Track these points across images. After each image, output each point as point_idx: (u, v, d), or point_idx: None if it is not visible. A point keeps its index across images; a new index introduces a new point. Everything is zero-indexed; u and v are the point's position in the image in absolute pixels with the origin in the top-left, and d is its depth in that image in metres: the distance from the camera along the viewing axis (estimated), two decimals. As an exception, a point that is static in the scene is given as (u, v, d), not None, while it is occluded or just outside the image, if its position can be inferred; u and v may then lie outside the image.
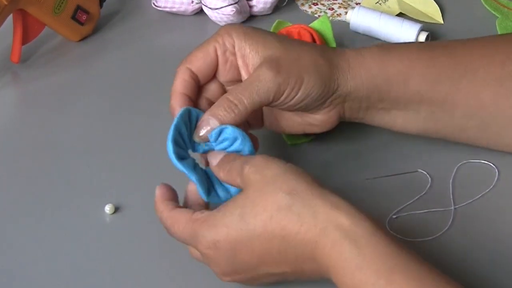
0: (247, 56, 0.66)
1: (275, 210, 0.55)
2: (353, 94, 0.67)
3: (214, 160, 0.62)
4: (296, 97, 0.65)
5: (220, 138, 0.63)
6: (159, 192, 0.62)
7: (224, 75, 0.67)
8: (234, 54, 0.66)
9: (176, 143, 0.62)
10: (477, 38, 0.72)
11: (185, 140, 0.63)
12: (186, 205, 0.62)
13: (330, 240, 0.54)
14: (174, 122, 0.62)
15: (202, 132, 0.63)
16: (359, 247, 0.53)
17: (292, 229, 0.55)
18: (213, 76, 0.67)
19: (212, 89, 0.68)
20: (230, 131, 0.63)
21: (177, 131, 0.62)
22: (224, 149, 0.63)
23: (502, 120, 0.68)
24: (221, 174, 0.61)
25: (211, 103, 0.67)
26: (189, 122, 0.63)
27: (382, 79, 0.67)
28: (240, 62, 0.66)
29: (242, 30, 0.66)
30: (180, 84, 0.65)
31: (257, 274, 0.58)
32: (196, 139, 0.63)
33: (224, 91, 0.68)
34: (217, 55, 0.66)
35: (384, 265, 0.52)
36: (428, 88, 0.67)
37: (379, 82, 0.67)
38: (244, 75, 0.67)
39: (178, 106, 0.65)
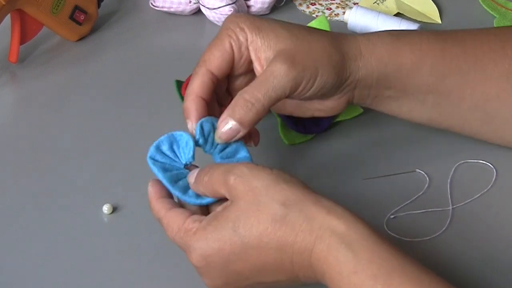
0: (258, 49, 0.65)
1: (270, 222, 0.55)
2: (363, 81, 0.66)
3: (192, 178, 0.61)
4: (312, 89, 0.64)
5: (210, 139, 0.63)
6: (152, 189, 0.61)
7: (237, 69, 0.66)
8: (247, 48, 0.65)
9: (174, 181, 0.61)
10: (488, 30, 0.72)
11: (181, 171, 0.62)
12: (182, 204, 0.61)
13: (326, 245, 0.53)
14: (160, 176, 0.61)
15: (223, 133, 0.62)
16: (355, 251, 0.52)
17: (288, 240, 0.54)
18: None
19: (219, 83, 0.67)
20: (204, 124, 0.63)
21: (166, 173, 0.61)
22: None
23: (506, 115, 0.68)
24: (200, 188, 0.60)
25: (217, 98, 0.67)
26: (172, 150, 0.63)
27: (392, 68, 0.67)
28: (252, 55, 0.65)
29: (253, 24, 0.65)
30: (199, 87, 0.64)
31: (249, 284, 0.58)
32: (218, 140, 0.62)
33: (228, 82, 0.68)
34: (233, 51, 0.65)
35: (380, 269, 0.52)
36: (436, 80, 0.67)
37: (389, 71, 0.67)
38: (257, 67, 0.66)
39: (194, 110, 0.63)
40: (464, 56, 0.68)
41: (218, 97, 0.68)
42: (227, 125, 0.62)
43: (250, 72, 0.68)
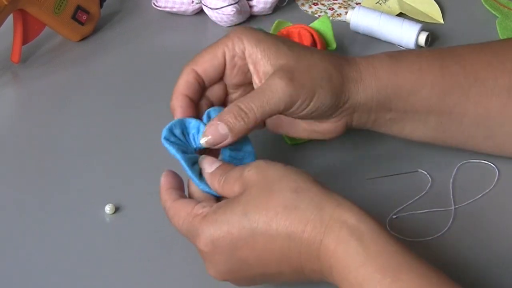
0: (258, 63, 0.65)
1: (280, 207, 0.55)
2: (363, 105, 0.66)
3: (209, 167, 0.61)
4: (307, 109, 0.64)
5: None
6: (164, 180, 0.61)
7: (230, 79, 0.67)
8: (243, 59, 0.65)
9: (191, 164, 0.61)
10: (486, 44, 0.71)
11: (194, 155, 0.63)
12: (190, 196, 0.62)
13: (335, 237, 0.53)
14: (179, 157, 0.61)
15: (207, 138, 0.62)
16: (364, 244, 0.53)
17: (298, 227, 0.55)
18: (220, 79, 0.67)
19: (215, 91, 0.67)
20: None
21: (184, 155, 0.62)
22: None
23: (508, 130, 0.68)
24: (215, 185, 0.60)
25: (211, 105, 0.67)
26: (183, 135, 0.63)
27: (392, 90, 0.66)
28: (251, 68, 0.66)
29: (254, 36, 0.65)
30: (183, 85, 0.65)
31: (252, 273, 0.58)
32: (203, 144, 0.62)
33: (227, 94, 0.68)
34: (225, 60, 0.65)
35: (389, 262, 0.52)
36: (437, 99, 0.67)
37: (388, 93, 0.66)
38: (256, 80, 0.66)
39: (178, 107, 0.64)
40: (463, 73, 0.68)
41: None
42: (217, 128, 0.62)
43: (248, 84, 0.68)
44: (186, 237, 0.59)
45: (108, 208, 0.70)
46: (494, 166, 0.73)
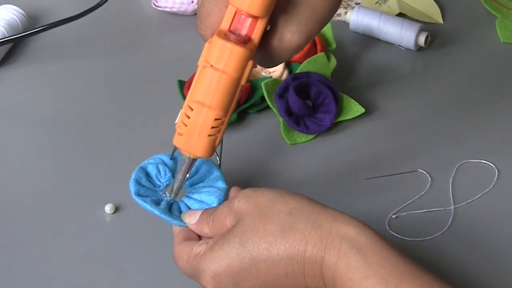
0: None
1: (278, 231, 0.55)
2: None
3: (193, 218, 0.61)
4: None
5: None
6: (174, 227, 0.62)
7: None
8: None
9: (169, 211, 0.62)
10: None
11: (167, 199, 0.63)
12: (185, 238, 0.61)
13: (336, 252, 0.53)
14: (157, 213, 0.61)
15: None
16: (365, 256, 0.52)
17: (299, 248, 0.54)
18: None
19: None
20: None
21: (160, 207, 0.62)
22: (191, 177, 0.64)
23: None
24: (205, 229, 0.60)
25: None
26: (149, 181, 0.64)
27: None
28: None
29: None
30: None
31: None
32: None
33: None
34: None
35: (391, 273, 0.52)
36: None
37: None
38: None
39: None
40: None
41: None
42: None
43: None
44: (192, 279, 0.59)
45: (108, 208, 0.70)
46: (493, 166, 0.73)
